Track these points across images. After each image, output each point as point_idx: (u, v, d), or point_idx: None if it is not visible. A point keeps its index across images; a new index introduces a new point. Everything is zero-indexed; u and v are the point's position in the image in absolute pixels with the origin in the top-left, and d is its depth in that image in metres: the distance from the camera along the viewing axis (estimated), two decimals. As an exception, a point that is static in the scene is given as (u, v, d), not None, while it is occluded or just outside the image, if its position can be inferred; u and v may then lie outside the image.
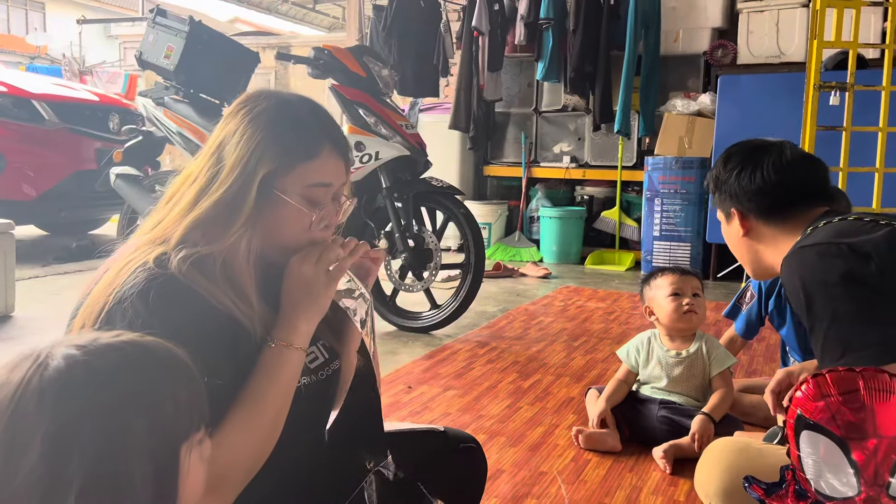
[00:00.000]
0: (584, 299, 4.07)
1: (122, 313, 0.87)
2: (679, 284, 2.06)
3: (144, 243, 0.96)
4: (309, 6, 10.12)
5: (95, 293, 0.91)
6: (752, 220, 1.41)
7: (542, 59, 5.33)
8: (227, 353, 0.94)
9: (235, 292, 0.96)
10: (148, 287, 0.89)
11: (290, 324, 0.98)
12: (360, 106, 3.04)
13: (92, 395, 0.60)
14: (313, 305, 1.00)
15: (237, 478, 0.91)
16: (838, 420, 0.98)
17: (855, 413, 0.97)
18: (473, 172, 6.07)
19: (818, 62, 3.43)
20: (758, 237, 1.42)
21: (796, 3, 4.77)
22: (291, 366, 0.98)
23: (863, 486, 0.96)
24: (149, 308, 0.88)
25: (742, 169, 1.41)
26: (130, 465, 0.60)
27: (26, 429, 0.58)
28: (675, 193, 4.74)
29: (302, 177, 1.00)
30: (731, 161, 1.45)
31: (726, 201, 1.44)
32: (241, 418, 0.92)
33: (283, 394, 0.96)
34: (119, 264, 0.93)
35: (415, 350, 2.97)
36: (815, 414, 0.94)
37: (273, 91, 1.06)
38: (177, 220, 0.97)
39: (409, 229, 3.06)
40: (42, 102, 4.80)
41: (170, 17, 3.77)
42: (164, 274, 0.91)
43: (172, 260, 0.92)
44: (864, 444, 0.97)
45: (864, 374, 0.99)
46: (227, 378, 0.93)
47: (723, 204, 1.46)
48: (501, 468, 1.86)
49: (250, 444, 0.92)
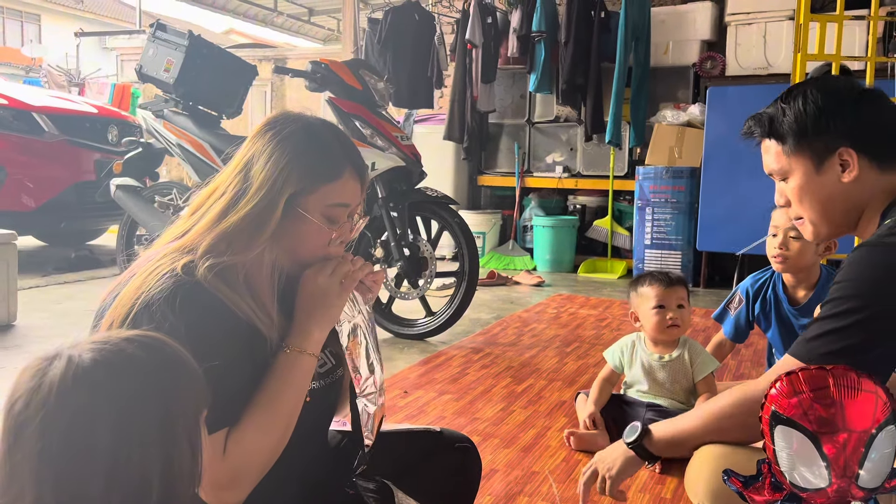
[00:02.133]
0: (577, 307, 4.14)
1: (149, 316, 0.93)
2: (663, 297, 2.09)
3: (172, 251, 1.02)
4: (304, 18, 10.20)
5: (124, 296, 0.97)
6: (865, 162, 1.19)
7: (534, 71, 5.43)
8: (246, 356, 1.01)
9: (255, 301, 1.03)
10: (175, 293, 0.95)
11: (303, 331, 1.06)
12: (356, 118, 3.11)
13: (137, 379, 0.66)
14: (326, 314, 1.08)
15: (252, 473, 0.98)
16: (810, 415, 1.02)
17: (826, 409, 1.02)
18: (468, 182, 6.15)
19: (803, 74, 3.52)
20: (860, 186, 1.20)
21: (783, 17, 4.87)
22: (304, 371, 1.05)
23: (833, 477, 1.02)
24: (175, 312, 0.94)
25: (861, 101, 1.20)
26: (177, 442, 0.67)
27: (85, 417, 0.63)
28: (665, 202, 4.83)
29: (324, 197, 1.07)
30: (836, 93, 1.21)
31: (834, 139, 1.19)
32: (256, 419, 0.99)
33: (296, 396, 1.04)
34: (147, 269, 0.99)
35: (411, 356, 3.03)
36: (789, 410, 1.00)
37: (298, 114, 1.13)
38: (204, 231, 1.04)
39: (405, 238, 3.13)
40: (42, 115, 4.86)
41: (169, 31, 3.84)
42: (190, 281, 0.97)
43: (199, 268, 0.98)
44: (834, 438, 1.03)
45: (834, 371, 1.05)
46: (245, 379, 1.00)
47: (822, 143, 1.20)
48: (495, 468, 1.93)
49: (265, 442, 0.99)
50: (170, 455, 0.66)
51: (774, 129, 1.25)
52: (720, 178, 4.62)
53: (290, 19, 10.27)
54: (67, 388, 0.63)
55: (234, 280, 1.02)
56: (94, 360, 0.65)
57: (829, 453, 1.00)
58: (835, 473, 1.00)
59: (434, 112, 6.20)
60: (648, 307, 2.11)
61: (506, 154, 5.99)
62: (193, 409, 0.70)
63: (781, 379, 1.08)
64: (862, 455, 0.99)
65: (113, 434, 0.63)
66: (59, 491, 0.62)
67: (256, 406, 1.00)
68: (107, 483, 0.62)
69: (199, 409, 0.72)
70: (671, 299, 2.10)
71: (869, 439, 0.95)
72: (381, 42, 5.71)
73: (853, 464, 1.00)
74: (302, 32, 11.49)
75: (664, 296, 2.10)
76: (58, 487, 0.62)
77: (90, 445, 0.63)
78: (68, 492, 0.62)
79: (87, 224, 5.61)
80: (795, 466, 1.04)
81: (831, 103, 1.20)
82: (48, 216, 4.92)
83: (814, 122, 1.20)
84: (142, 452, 0.64)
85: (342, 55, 6.69)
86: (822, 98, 1.21)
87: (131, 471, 0.63)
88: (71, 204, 4.94)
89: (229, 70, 3.96)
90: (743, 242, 4.49)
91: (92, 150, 5.06)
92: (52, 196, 4.84)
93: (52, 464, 0.62)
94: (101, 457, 0.63)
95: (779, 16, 4.90)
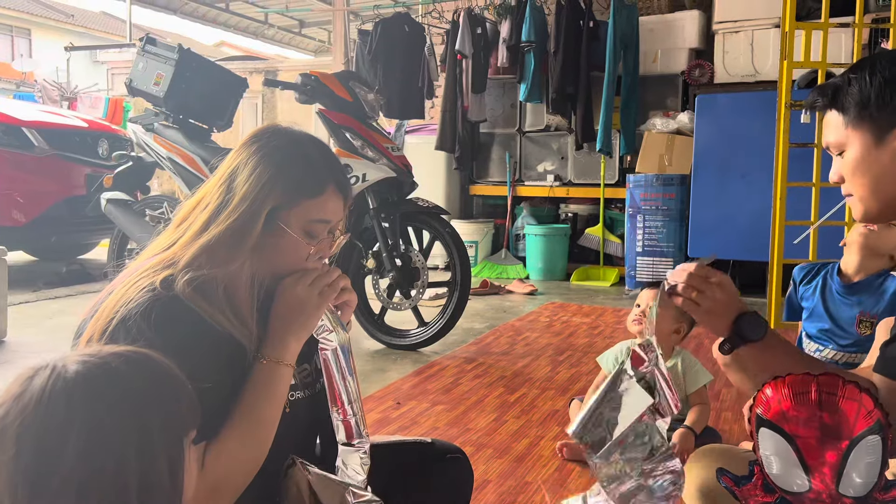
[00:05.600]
0: (570, 315, 4.15)
1: (125, 331, 0.94)
2: (643, 297, 2.16)
3: (153, 265, 1.03)
4: (295, 30, 10.24)
5: (103, 310, 0.97)
6: None
7: (524, 81, 5.46)
8: (223, 369, 1.01)
9: (235, 314, 1.03)
10: (151, 307, 0.95)
11: (280, 342, 1.05)
12: (347, 130, 3.12)
13: (116, 394, 0.67)
14: (303, 325, 1.07)
15: (232, 487, 0.98)
16: (790, 419, 1.03)
17: (806, 414, 1.02)
18: (459, 192, 6.16)
19: (789, 82, 3.55)
20: None
21: (769, 24, 4.92)
22: (282, 381, 1.05)
23: (813, 483, 1.02)
24: (151, 327, 0.94)
25: None
26: (155, 457, 0.67)
27: (60, 427, 0.64)
28: (656, 210, 4.85)
29: (306, 212, 1.07)
30: None
31: None
32: (236, 430, 0.99)
33: (274, 407, 1.03)
34: (127, 283, 0.99)
35: (403, 367, 3.03)
36: (770, 412, 1.01)
37: (286, 128, 1.13)
38: (187, 244, 1.04)
39: (397, 249, 3.13)
40: (32, 130, 4.85)
41: (159, 45, 3.85)
42: (167, 295, 0.97)
43: (178, 282, 0.99)
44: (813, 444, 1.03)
45: (820, 378, 1.06)
46: (224, 393, 1.00)
47: (885, 116, 1.16)
48: (488, 478, 1.93)
49: (245, 453, 0.99)
50: (146, 472, 0.66)
51: (837, 99, 1.21)
52: (710, 185, 4.65)
53: (280, 31, 10.30)
54: (46, 398, 0.64)
55: (212, 293, 1.02)
56: (77, 373, 0.66)
57: (807, 458, 1.01)
58: (814, 479, 1.01)
59: (425, 122, 6.23)
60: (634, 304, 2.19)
61: (497, 163, 6.01)
62: (177, 428, 0.70)
63: (769, 383, 1.09)
64: (840, 462, 0.99)
65: (87, 446, 0.64)
66: (32, 498, 0.63)
67: (234, 418, 1.00)
68: (78, 494, 0.63)
69: (185, 428, 0.72)
70: (646, 299, 2.14)
71: (848, 447, 0.96)
72: (372, 53, 5.74)
73: (832, 470, 1.00)
74: (293, 44, 11.52)
75: (642, 296, 2.16)
76: (31, 495, 0.63)
77: (61, 455, 0.63)
78: (41, 499, 0.63)
79: (78, 238, 5.59)
80: (777, 469, 1.05)
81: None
82: (39, 231, 4.90)
83: (878, 93, 1.14)
84: (116, 466, 0.64)
85: (333, 67, 6.72)
86: (890, 70, 1.14)
87: (104, 484, 0.64)
88: (62, 218, 4.93)
89: (219, 83, 3.96)
90: (734, 248, 4.51)
91: (82, 165, 5.05)
92: (42, 211, 4.82)
93: (24, 471, 0.63)
94: (72, 467, 0.63)
95: (765, 24, 4.94)
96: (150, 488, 0.66)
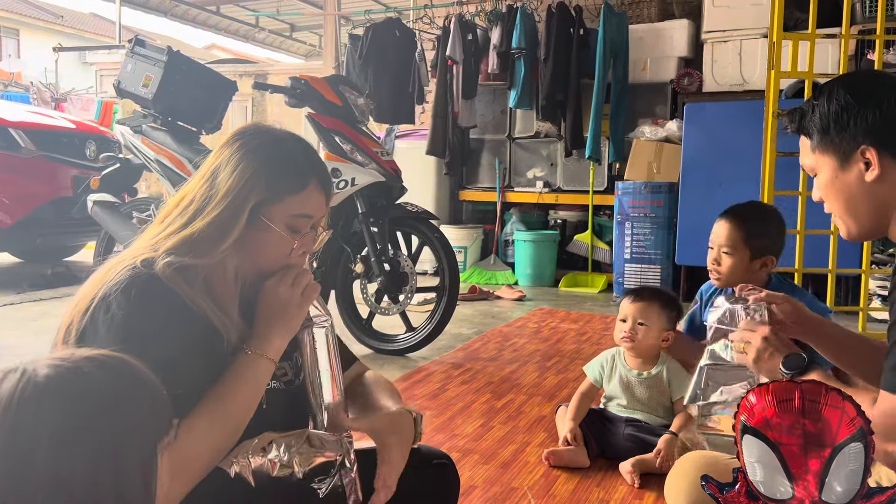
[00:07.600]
0: (558, 321, 4.15)
1: (106, 307, 0.95)
2: (627, 311, 2.13)
3: (134, 252, 1.04)
4: (286, 34, 10.23)
5: (83, 290, 0.98)
6: (889, 161, 1.16)
7: (514, 87, 5.48)
8: (198, 351, 1.02)
9: (215, 302, 1.04)
10: (131, 283, 0.97)
11: (265, 338, 1.07)
12: (336, 134, 3.12)
13: (88, 399, 0.66)
14: (286, 325, 1.09)
15: (196, 465, 0.98)
16: (773, 427, 1.04)
17: (789, 421, 1.03)
18: (449, 197, 6.17)
19: (776, 91, 3.58)
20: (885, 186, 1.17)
21: (757, 34, 4.96)
22: (262, 373, 1.06)
23: (796, 490, 1.03)
24: (130, 302, 0.95)
25: (885, 99, 1.16)
26: (127, 463, 0.66)
27: (29, 432, 0.63)
28: (644, 217, 4.87)
29: (288, 207, 1.09)
30: (859, 90, 1.18)
31: (855, 137, 1.17)
32: (208, 411, 0.99)
33: (250, 396, 1.04)
34: (107, 266, 1.01)
35: (391, 372, 3.02)
36: (754, 420, 1.02)
37: (268, 126, 1.15)
38: (169, 236, 1.06)
39: (385, 253, 3.13)
40: (19, 130, 4.81)
41: (148, 47, 3.83)
42: (147, 273, 0.99)
43: (158, 263, 1.00)
44: (796, 451, 1.04)
45: (803, 385, 1.06)
46: (199, 373, 1.01)
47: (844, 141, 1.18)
48: (474, 484, 1.92)
49: (213, 436, 0.99)
50: (118, 478, 0.65)
51: (803, 125, 1.25)
52: (698, 193, 4.67)
53: (271, 35, 10.30)
54: (15, 403, 0.63)
55: (192, 278, 1.03)
56: (48, 376, 0.65)
57: (791, 465, 1.02)
58: (797, 486, 1.02)
59: (415, 127, 6.23)
60: (618, 318, 2.17)
61: (487, 169, 6.02)
62: (151, 433, 0.70)
63: (753, 390, 1.10)
64: (823, 470, 1.00)
65: (58, 452, 0.63)
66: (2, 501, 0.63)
67: (210, 399, 1.00)
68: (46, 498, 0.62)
69: (158, 433, 0.71)
70: (632, 315, 2.12)
71: (830, 454, 0.96)
72: (363, 58, 5.74)
73: (815, 478, 1.01)
74: (283, 48, 11.52)
75: (628, 310, 2.14)
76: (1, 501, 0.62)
77: (31, 461, 0.62)
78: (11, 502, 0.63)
79: (64, 240, 5.54)
80: (761, 476, 1.05)
81: (853, 101, 1.17)
82: (24, 232, 4.85)
83: (835, 119, 1.18)
84: (88, 473, 0.64)
85: (323, 71, 6.71)
86: (846, 95, 1.18)
87: (76, 491, 0.63)
88: (47, 220, 4.89)
89: (208, 85, 3.95)
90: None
91: (69, 166, 5.01)
92: (28, 212, 4.78)
93: None
94: (41, 471, 0.62)
95: (753, 34, 4.98)
96: (123, 495, 0.65)
